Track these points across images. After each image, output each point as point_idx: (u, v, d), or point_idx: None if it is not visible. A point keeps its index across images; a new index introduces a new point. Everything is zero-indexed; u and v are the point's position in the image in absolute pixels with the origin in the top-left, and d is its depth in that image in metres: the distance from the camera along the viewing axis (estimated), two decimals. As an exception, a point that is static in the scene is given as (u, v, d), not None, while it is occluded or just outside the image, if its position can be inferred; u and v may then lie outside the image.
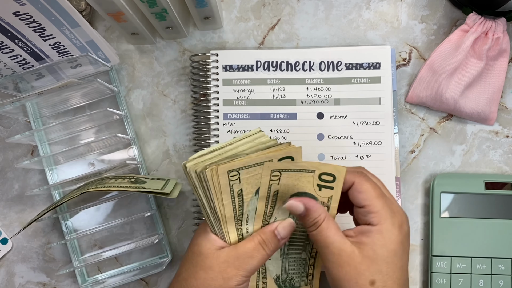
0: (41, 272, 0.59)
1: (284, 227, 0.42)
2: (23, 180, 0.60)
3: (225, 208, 0.40)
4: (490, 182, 0.54)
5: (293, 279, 0.46)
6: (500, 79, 0.55)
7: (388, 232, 0.39)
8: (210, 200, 0.40)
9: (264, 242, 0.41)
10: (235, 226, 0.41)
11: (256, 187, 0.40)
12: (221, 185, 0.38)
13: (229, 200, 0.40)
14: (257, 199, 0.41)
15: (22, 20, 0.45)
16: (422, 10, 0.57)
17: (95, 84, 0.53)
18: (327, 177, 0.40)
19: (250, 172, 0.39)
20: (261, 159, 0.39)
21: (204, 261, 0.41)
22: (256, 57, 0.56)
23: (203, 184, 0.39)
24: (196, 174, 0.39)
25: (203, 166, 0.39)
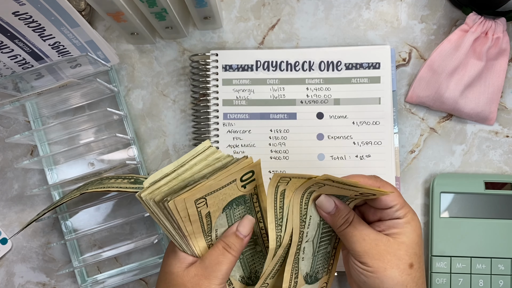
0: (40, 272, 0.59)
1: (243, 225, 0.43)
2: (22, 180, 0.60)
3: (193, 229, 0.40)
4: (490, 182, 0.54)
5: (318, 273, 0.46)
6: (500, 79, 0.55)
7: (414, 220, 0.43)
8: (174, 224, 0.40)
9: (228, 245, 0.42)
10: (205, 239, 0.42)
11: (223, 206, 0.41)
12: (189, 213, 0.38)
13: (197, 224, 0.40)
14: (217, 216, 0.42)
15: (21, 20, 0.45)
16: (422, 10, 0.57)
17: (94, 84, 0.53)
18: (247, 175, 0.41)
19: (216, 196, 0.40)
20: (226, 181, 0.39)
21: (176, 279, 0.42)
22: (256, 57, 0.56)
23: (165, 212, 0.39)
24: (155, 202, 0.38)
25: (161, 194, 0.38)
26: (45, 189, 0.56)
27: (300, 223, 0.42)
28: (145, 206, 0.39)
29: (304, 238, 0.43)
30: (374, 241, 0.41)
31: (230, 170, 0.39)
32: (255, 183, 0.42)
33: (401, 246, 0.41)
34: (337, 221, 0.43)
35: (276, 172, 0.55)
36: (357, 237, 0.42)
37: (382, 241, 0.41)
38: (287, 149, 0.55)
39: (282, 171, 0.55)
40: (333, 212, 0.43)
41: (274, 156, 0.55)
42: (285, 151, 0.55)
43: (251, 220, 0.44)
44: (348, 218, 0.42)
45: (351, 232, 0.42)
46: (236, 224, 0.43)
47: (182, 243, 0.42)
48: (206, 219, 0.41)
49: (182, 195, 0.37)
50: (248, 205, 0.44)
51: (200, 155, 0.41)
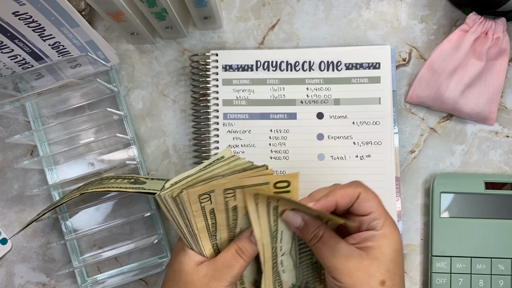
0: (40, 272, 0.59)
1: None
2: (22, 180, 0.60)
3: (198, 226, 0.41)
4: (490, 182, 0.54)
5: (308, 283, 0.46)
6: (500, 79, 0.55)
7: (391, 234, 0.40)
8: (187, 220, 0.41)
9: (241, 250, 0.42)
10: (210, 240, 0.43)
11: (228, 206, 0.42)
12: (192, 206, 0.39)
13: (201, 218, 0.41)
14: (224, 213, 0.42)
15: (21, 20, 0.45)
16: (422, 10, 0.57)
17: (94, 84, 0.53)
18: (282, 183, 0.41)
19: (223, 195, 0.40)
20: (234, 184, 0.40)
21: (186, 277, 0.42)
22: (256, 57, 0.56)
23: (179, 207, 0.40)
24: (172, 198, 0.39)
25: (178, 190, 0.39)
26: (45, 189, 0.56)
27: (271, 239, 0.42)
28: (162, 205, 0.40)
29: (279, 253, 0.43)
30: (345, 257, 0.40)
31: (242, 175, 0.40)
32: (289, 196, 0.42)
33: (372, 262, 0.39)
34: (306, 236, 0.42)
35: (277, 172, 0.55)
36: (327, 253, 0.40)
37: (353, 257, 0.40)
38: (287, 149, 0.55)
39: (282, 172, 0.55)
40: (300, 227, 0.42)
41: (274, 156, 0.55)
42: (285, 151, 0.55)
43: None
44: (317, 233, 0.41)
45: (320, 247, 0.41)
46: (250, 229, 0.43)
47: (192, 242, 0.42)
48: (210, 216, 0.41)
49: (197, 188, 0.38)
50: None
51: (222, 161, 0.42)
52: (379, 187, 0.54)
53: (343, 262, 0.39)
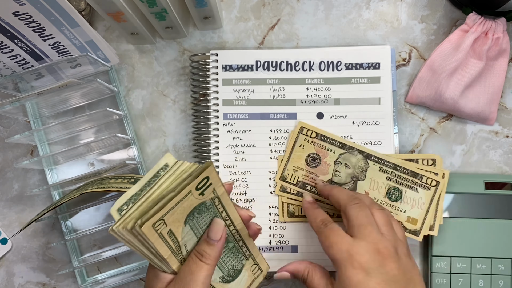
0: (40, 272, 0.59)
1: (213, 230, 0.41)
2: (22, 180, 0.60)
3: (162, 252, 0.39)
4: (490, 182, 0.54)
5: (234, 266, 0.45)
6: (500, 79, 0.55)
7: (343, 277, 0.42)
8: (151, 249, 0.38)
9: (200, 254, 0.40)
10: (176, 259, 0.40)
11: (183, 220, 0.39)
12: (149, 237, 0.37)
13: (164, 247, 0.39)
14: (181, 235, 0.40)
15: (21, 20, 0.45)
16: (422, 10, 0.57)
17: (94, 84, 0.53)
18: (202, 183, 0.39)
19: (174, 212, 0.38)
20: (180, 196, 0.38)
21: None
22: (256, 57, 0.56)
23: (139, 238, 0.37)
24: (128, 231, 0.37)
25: (133, 220, 0.37)
26: (45, 189, 0.56)
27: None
28: (119, 238, 0.38)
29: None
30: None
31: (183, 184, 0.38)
32: (213, 186, 0.40)
33: None
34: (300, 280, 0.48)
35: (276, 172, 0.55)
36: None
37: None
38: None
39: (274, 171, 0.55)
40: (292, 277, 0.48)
41: (274, 156, 0.55)
42: (285, 151, 0.55)
43: (220, 223, 0.41)
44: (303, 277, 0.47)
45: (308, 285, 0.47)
46: (206, 232, 0.41)
47: (162, 265, 0.40)
48: (170, 238, 0.39)
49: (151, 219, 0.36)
50: (211, 210, 0.42)
51: (167, 172, 0.40)
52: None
53: None
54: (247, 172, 0.55)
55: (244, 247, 0.45)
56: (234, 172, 0.55)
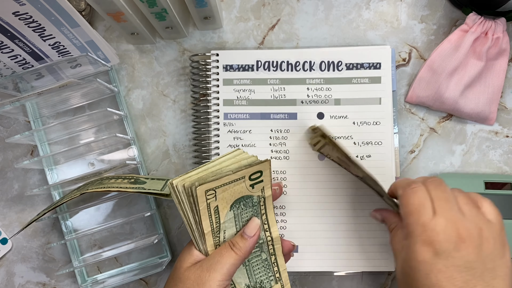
0: (41, 272, 0.59)
1: (249, 227, 0.45)
2: (23, 180, 0.60)
3: (203, 224, 0.42)
4: (490, 182, 0.54)
5: (262, 282, 0.47)
6: (500, 79, 0.55)
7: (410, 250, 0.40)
8: (197, 217, 0.42)
9: (233, 244, 0.43)
10: (213, 241, 0.44)
11: (230, 203, 0.43)
12: (199, 203, 0.41)
13: (206, 217, 0.42)
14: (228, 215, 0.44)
15: (22, 20, 0.45)
16: (422, 10, 0.57)
17: (95, 84, 0.53)
18: (256, 175, 0.43)
19: (225, 189, 0.42)
20: (235, 177, 0.42)
21: (183, 273, 0.43)
22: (257, 57, 0.56)
23: (190, 199, 0.41)
24: (183, 188, 0.41)
25: (190, 181, 0.41)
26: (45, 189, 0.56)
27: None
28: (174, 194, 0.42)
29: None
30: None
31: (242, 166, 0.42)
32: (263, 184, 0.44)
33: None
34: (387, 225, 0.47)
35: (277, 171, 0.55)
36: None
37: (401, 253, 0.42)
38: (287, 149, 0.55)
39: (282, 171, 0.55)
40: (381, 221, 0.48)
41: (275, 156, 0.55)
42: (286, 151, 0.55)
43: (257, 222, 0.45)
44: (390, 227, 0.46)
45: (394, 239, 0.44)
46: (243, 229, 0.45)
47: (199, 241, 0.43)
48: (214, 215, 0.42)
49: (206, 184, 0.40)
50: (256, 208, 0.45)
51: (230, 154, 0.45)
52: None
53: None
54: (247, 172, 0.55)
55: (276, 266, 0.48)
56: (234, 172, 0.55)
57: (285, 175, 0.55)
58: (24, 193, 0.59)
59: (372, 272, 0.56)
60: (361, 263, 0.54)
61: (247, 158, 0.44)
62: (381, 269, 0.54)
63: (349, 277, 0.57)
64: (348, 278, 0.57)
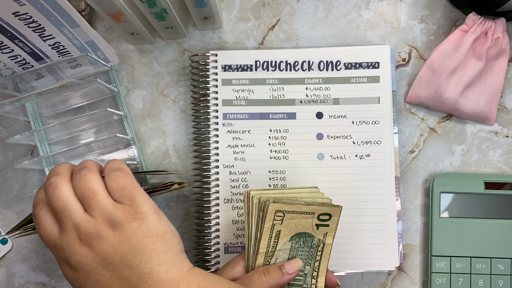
0: (41, 272, 0.59)
1: (291, 264, 0.44)
2: (23, 180, 0.60)
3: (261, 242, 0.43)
4: (489, 182, 0.54)
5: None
6: (500, 79, 0.55)
7: None
8: (258, 231, 0.43)
9: (267, 271, 0.43)
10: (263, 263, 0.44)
11: (292, 234, 0.44)
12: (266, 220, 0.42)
13: (267, 237, 0.43)
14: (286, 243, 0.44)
15: (21, 20, 0.45)
16: (422, 10, 0.58)
17: (94, 84, 0.53)
18: (325, 216, 0.44)
19: (293, 218, 0.43)
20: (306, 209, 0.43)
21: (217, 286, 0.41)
22: (255, 57, 0.56)
23: (260, 213, 0.42)
24: (259, 201, 0.42)
25: (266, 197, 0.42)
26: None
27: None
28: (247, 203, 0.43)
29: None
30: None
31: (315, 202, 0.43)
32: (327, 230, 0.44)
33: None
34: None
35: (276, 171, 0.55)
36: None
37: None
38: (286, 149, 0.55)
39: (281, 171, 0.55)
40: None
41: (274, 156, 0.55)
42: (285, 151, 0.55)
43: (300, 264, 0.44)
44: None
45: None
46: (284, 261, 0.44)
47: (252, 257, 0.44)
48: (274, 239, 0.43)
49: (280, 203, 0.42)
50: (313, 251, 0.45)
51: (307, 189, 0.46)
52: (378, 187, 0.54)
53: None
54: (247, 172, 0.55)
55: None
56: (234, 172, 0.55)
57: (284, 175, 0.55)
58: (24, 193, 0.59)
59: (372, 272, 0.56)
60: (361, 263, 0.54)
61: (322, 198, 0.45)
62: (381, 269, 0.54)
63: (349, 277, 0.57)
64: (348, 278, 0.57)
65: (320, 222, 0.44)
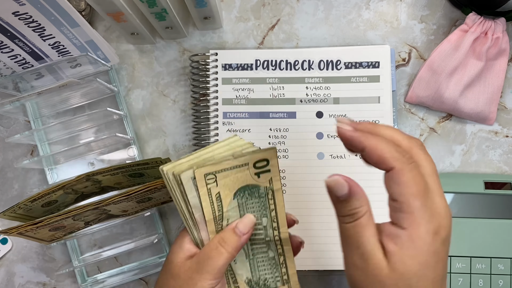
0: (41, 272, 0.59)
1: (243, 222, 0.41)
2: (23, 180, 0.60)
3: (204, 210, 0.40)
4: (489, 182, 0.54)
5: (267, 280, 0.44)
6: (500, 79, 0.55)
7: (420, 240, 0.32)
8: (188, 205, 0.39)
9: (223, 240, 0.40)
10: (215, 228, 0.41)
11: (233, 191, 0.40)
12: (198, 188, 0.38)
13: (208, 202, 0.39)
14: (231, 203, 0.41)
15: (21, 20, 0.45)
16: (422, 10, 0.58)
17: (94, 84, 0.53)
18: (261, 163, 0.39)
19: (227, 175, 0.39)
20: (236, 163, 0.39)
21: (174, 269, 0.41)
22: (256, 56, 0.56)
23: (181, 188, 0.39)
24: (173, 176, 0.38)
25: (179, 169, 0.38)
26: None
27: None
28: (166, 182, 0.39)
29: None
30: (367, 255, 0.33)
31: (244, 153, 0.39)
32: (271, 175, 0.40)
33: (392, 274, 0.32)
34: (342, 210, 0.34)
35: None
36: (353, 240, 0.34)
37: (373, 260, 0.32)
38: (286, 148, 0.55)
39: (282, 170, 0.55)
40: (344, 198, 0.34)
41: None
42: (285, 150, 0.55)
43: (252, 219, 0.41)
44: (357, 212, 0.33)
45: (350, 231, 0.34)
46: (237, 221, 0.41)
47: (194, 229, 0.41)
48: (217, 202, 0.40)
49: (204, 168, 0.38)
50: (263, 200, 0.41)
51: (225, 141, 0.42)
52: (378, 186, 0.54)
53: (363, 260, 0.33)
54: (247, 172, 0.55)
55: (284, 268, 0.44)
56: (234, 172, 0.55)
57: (284, 174, 0.55)
58: (24, 193, 0.59)
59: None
60: (361, 263, 0.54)
61: (242, 145, 0.41)
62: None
63: (349, 277, 0.57)
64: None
65: (259, 170, 0.40)
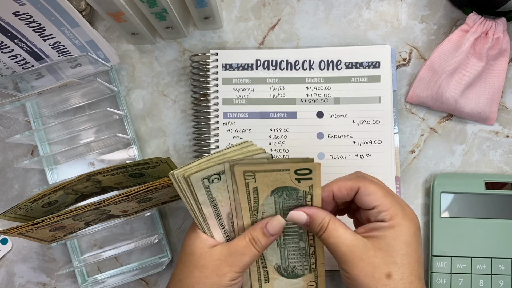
0: (41, 272, 0.59)
1: (272, 225, 0.42)
2: (23, 180, 0.60)
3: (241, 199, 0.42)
4: (490, 182, 0.54)
5: (295, 268, 0.46)
6: (500, 79, 0.55)
7: (400, 225, 0.39)
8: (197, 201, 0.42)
9: (254, 240, 0.42)
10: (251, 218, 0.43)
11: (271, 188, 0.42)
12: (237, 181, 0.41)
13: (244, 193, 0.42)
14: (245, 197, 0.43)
15: (22, 20, 0.45)
16: (422, 10, 0.57)
17: (95, 84, 0.53)
18: (303, 171, 0.41)
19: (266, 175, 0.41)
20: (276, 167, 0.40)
21: (198, 260, 0.42)
22: (256, 56, 0.56)
23: (190, 188, 0.41)
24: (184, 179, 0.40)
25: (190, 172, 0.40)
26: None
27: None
28: (176, 184, 0.41)
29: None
30: (349, 248, 0.39)
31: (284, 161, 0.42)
32: (312, 182, 0.42)
33: (377, 253, 0.39)
34: (314, 229, 0.42)
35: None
36: (332, 244, 0.40)
37: (358, 247, 0.39)
38: (287, 148, 0.55)
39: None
40: (307, 223, 0.42)
41: (274, 155, 0.55)
42: (285, 150, 0.55)
43: (281, 222, 0.43)
44: (322, 225, 0.41)
45: (326, 239, 0.41)
46: (266, 220, 0.43)
47: (204, 224, 0.43)
48: (253, 194, 0.42)
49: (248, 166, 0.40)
50: (301, 202, 0.43)
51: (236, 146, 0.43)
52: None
53: (348, 253, 0.39)
54: (247, 172, 0.55)
55: (313, 258, 0.46)
56: (234, 172, 0.55)
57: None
58: (24, 193, 0.59)
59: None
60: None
61: (254, 151, 0.42)
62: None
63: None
64: (348, 278, 0.57)
65: (300, 176, 0.41)
